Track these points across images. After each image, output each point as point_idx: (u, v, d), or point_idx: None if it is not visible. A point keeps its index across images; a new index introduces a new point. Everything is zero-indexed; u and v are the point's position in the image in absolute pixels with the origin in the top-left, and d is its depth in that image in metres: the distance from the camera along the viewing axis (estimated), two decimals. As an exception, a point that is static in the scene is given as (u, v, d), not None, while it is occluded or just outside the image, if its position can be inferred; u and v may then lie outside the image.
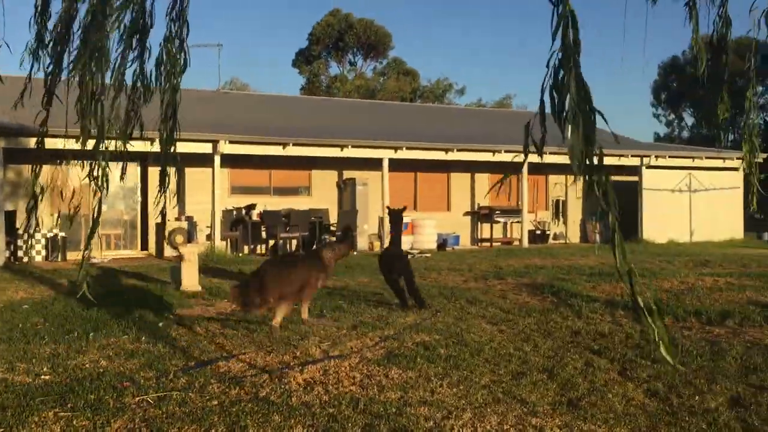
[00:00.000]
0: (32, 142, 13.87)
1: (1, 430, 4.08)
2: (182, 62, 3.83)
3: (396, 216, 8.71)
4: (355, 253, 16.98)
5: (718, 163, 21.96)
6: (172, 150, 4.01)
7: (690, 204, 21.17)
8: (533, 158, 14.72)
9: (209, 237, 16.50)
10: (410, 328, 7.21)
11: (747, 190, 22.59)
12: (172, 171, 4.26)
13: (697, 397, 4.75)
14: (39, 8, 3.62)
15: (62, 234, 15.39)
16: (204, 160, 16.27)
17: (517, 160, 18.94)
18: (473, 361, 5.80)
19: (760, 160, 19.70)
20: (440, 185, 20.81)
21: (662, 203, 20.62)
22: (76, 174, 15.90)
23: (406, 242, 18.38)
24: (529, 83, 75.27)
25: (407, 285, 8.42)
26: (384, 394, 4.88)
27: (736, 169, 22.17)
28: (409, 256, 15.91)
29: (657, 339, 2.45)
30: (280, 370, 5.52)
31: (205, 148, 15.93)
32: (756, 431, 4.18)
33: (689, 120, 48.92)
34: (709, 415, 4.39)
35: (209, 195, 16.38)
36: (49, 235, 15.27)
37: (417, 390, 4.98)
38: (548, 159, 19.26)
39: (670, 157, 21.65)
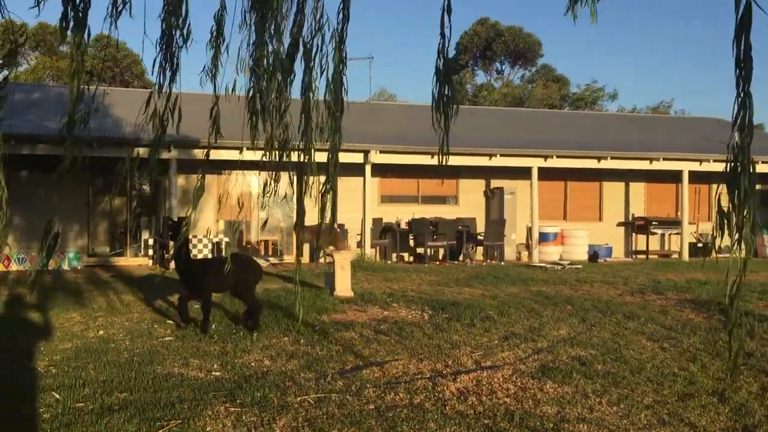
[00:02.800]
0: (199, 153, 14.98)
1: (180, 420, 4.42)
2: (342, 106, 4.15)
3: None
4: (502, 263, 16.79)
5: None
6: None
7: None
8: (695, 166, 13.93)
9: (359, 244, 16.96)
10: (564, 341, 7.01)
11: None
12: (320, 180, 4.49)
13: None
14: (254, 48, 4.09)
15: (226, 239, 16.43)
16: (355, 170, 16.76)
17: (676, 168, 17.91)
18: (634, 379, 5.54)
19: None
20: (592, 194, 20.08)
21: None
22: (239, 182, 16.92)
23: (554, 252, 17.93)
24: (689, 87, 70.76)
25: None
26: (540, 408, 4.78)
27: None
28: (558, 267, 15.51)
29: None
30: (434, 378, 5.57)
31: (357, 158, 16.41)
32: None
33: None
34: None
35: (360, 203, 16.84)
36: (215, 240, 16.36)
37: (574, 406, 4.83)
38: (713, 167, 18.13)
39: None
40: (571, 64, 68.06)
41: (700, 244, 19.55)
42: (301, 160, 4.42)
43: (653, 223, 19.11)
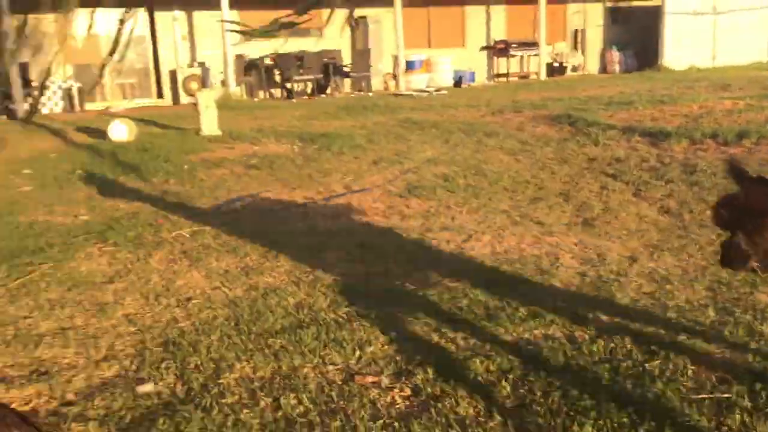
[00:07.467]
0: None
1: (52, 264, 4.38)
2: None
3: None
4: (370, 94, 16.89)
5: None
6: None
7: (714, 27, 20.38)
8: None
9: (224, 83, 16.38)
10: (429, 161, 7.36)
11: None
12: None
13: (708, 212, 4.91)
14: None
15: (78, 84, 15.36)
16: (212, 3, 15.81)
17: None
18: (492, 189, 5.98)
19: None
20: (455, 20, 20.12)
21: (684, 27, 19.84)
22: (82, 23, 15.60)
23: (421, 80, 18.16)
24: None
25: None
26: (406, 222, 5.11)
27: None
28: (425, 94, 15.84)
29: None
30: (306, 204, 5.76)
31: (213, -11, 15.43)
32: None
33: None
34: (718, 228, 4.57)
35: (219, 40, 16.05)
36: (64, 86, 15.25)
37: (438, 217, 5.20)
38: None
39: (695, -22, 20.57)
40: None
41: (556, 64, 20.40)
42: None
43: (513, 45, 19.61)
